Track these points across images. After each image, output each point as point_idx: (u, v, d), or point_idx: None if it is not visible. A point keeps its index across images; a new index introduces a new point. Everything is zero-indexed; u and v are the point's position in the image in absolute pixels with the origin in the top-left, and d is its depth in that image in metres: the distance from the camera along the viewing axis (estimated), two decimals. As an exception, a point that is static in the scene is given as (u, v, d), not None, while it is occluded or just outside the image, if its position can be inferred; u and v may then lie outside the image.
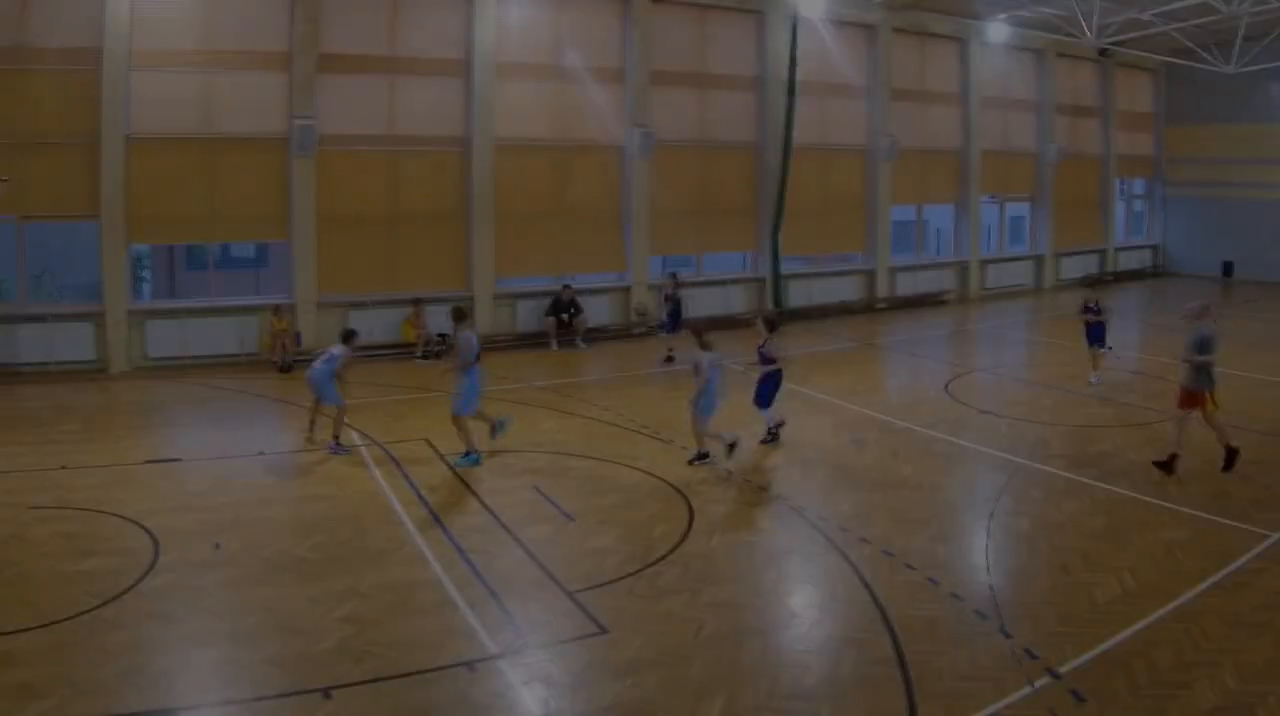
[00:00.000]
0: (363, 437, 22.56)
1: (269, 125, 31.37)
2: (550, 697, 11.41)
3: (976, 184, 46.53)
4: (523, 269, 35.98)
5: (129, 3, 28.89)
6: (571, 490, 18.80)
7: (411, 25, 33.13)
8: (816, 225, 41.91)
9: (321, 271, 32.21)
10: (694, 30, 38.32)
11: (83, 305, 31.62)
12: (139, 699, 11.30)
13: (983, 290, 47.07)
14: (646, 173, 37.11)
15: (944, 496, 18.55)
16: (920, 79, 44.61)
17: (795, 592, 14.48)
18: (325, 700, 11.28)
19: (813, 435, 22.80)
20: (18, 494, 18.50)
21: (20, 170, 26.66)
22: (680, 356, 28.76)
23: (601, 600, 13.89)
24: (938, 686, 11.48)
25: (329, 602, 13.82)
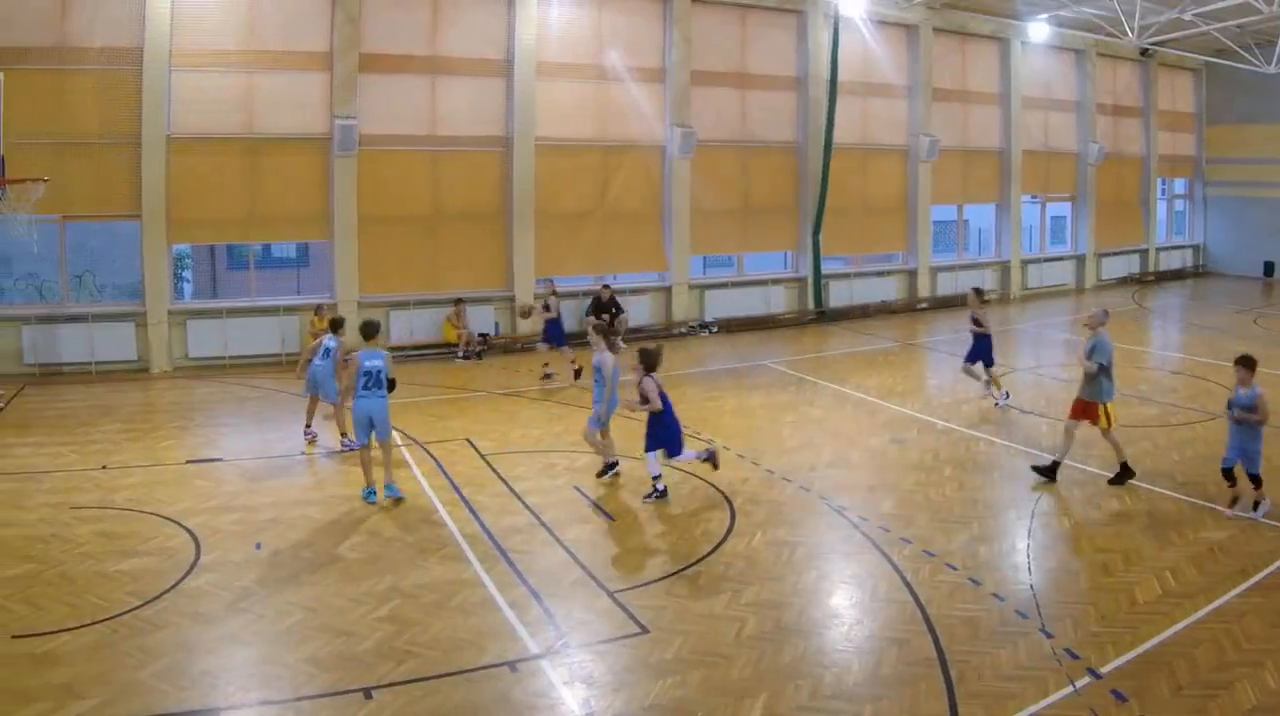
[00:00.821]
0: (404, 437, 22.60)
1: (310, 125, 31.50)
2: (591, 697, 11.41)
3: (1018, 184, 46.34)
4: (563, 269, 35.73)
5: (170, 3, 29.01)
6: (613, 490, 18.85)
7: (452, 25, 33.18)
8: (857, 225, 41.87)
9: (363, 271, 32.31)
10: (735, 30, 38.26)
11: (124, 305, 31.71)
12: (180, 699, 11.34)
13: (1024, 290, 46.95)
14: (687, 172, 37.07)
15: (985, 496, 18.47)
16: (961, 79, 44.49)
17: (836, 592, 14.45)
18: (366, 700, 11.32)
19: (854, 435, 22.82)
20: (60, 494, 18.62)
21: (62, 170, 26.72)
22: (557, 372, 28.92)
23: (642, 600, 13.91)
24: (979, 686, 11.48)
25: (370, 602, 13.89)
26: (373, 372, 18.08)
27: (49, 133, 28.08)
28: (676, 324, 37.06)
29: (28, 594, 14.06)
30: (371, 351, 18.33)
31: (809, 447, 21.72)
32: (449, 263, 34.04)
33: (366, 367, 18.09)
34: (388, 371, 18.24)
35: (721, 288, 39.18)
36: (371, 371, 18.08)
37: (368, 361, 18.14)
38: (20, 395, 26.81)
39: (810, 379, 28.34)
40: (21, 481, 19.43)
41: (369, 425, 18.06)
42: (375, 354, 18.30)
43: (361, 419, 18.07)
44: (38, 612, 13.45)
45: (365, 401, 18.06)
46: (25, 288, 35.02)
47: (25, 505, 18.02)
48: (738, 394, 27.12)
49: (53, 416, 24.75)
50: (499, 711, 11.23)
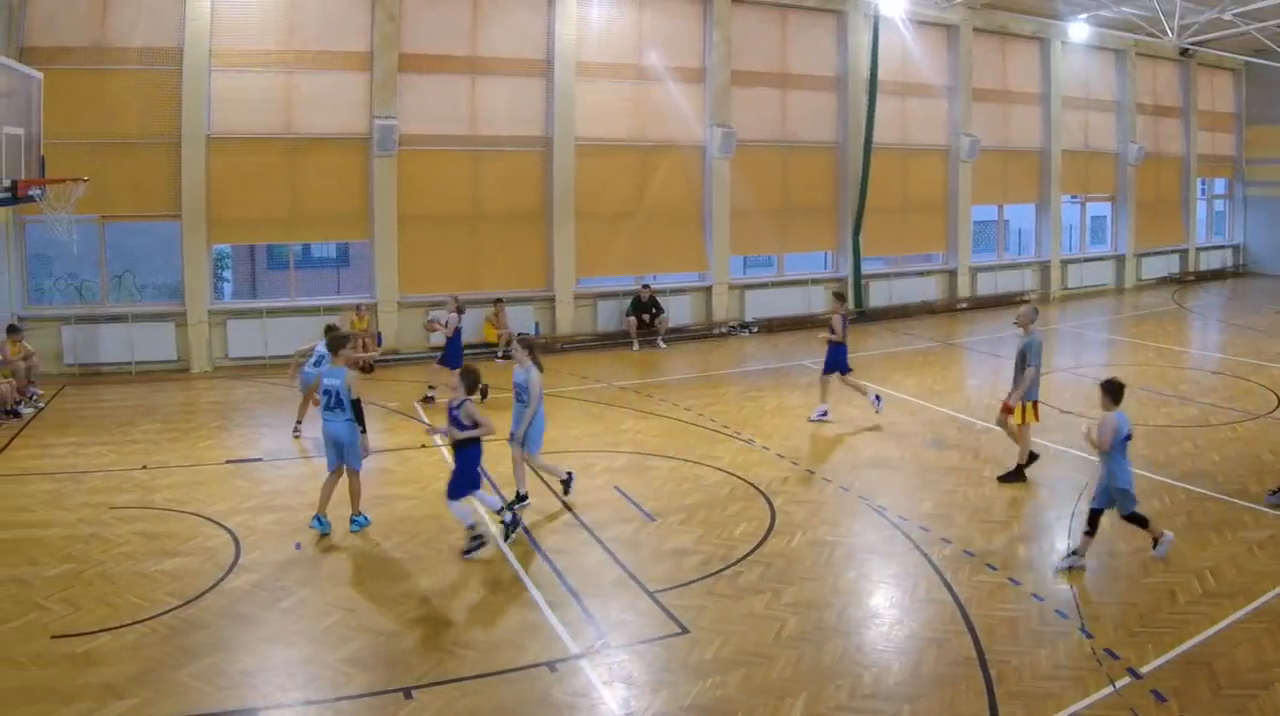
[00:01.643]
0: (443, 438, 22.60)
1: (350, 125, 31.59)
2: (631, 697, 11.41)
3: (1057, 184, 46.23)
4: (603, 268, 36.02)
5: (210, 3, 29.15)
6: (653, 490, 18.83)
7: (492, 24, 33.24)
8: (897, 225, 41.81)
9: (402, 271, 32.38)
10: (775, 30, 38.24)
11: (164, 305, 31.93)
12: (219, 699, 11.39)
13: (1063, 290, 46.81)
14: (727, 172, 37.06)
15: (1025, 496, 18.41)
16: (1001, 79, 44.40)
17: (876, 592, 14.42)
18: (406, 700, 11.35)
19: (894, 435, 22.79)
20: (100, 494, 18.70)
21: (101, 170, 26.72)
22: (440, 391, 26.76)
23: (682, 600, 13.91)
24: (1018, 686, 11.46)
25: (410, 602, 13.94)
26: (332, 392, 16.62)
27: (89, 133, 28.24)
28: (717, 324, 37.05)
29: (68, 594, 14.12)
30: (334, 368, 16.94)
31: (849, 447, 21.74)
32: (489, 263, 34.10)
33: (325, 386, 16.75)
34: (349, 392, 16.59)
35: (762, 288, 39.21)
36: (331, 390, 16.64)
37: (327, 379, 16.81)
38: (60, 395, 26.91)
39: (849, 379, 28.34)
40: (61, 481, 19.53)
41: (336, 449, 16.80)
42: (336, 372, 16.80)
43: (327, 441, 16.88)
44: (78, 612, 13.50)
45: (329, 424, 16.72)
46: (65, 288, 35.16)
47: (65, 505, 18.11)
48: (778, 394, 27.15)
49: (92, 416, 24.85)
50: (539, 711, 11.24)
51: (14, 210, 26.54)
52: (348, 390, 16.56)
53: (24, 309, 29.04)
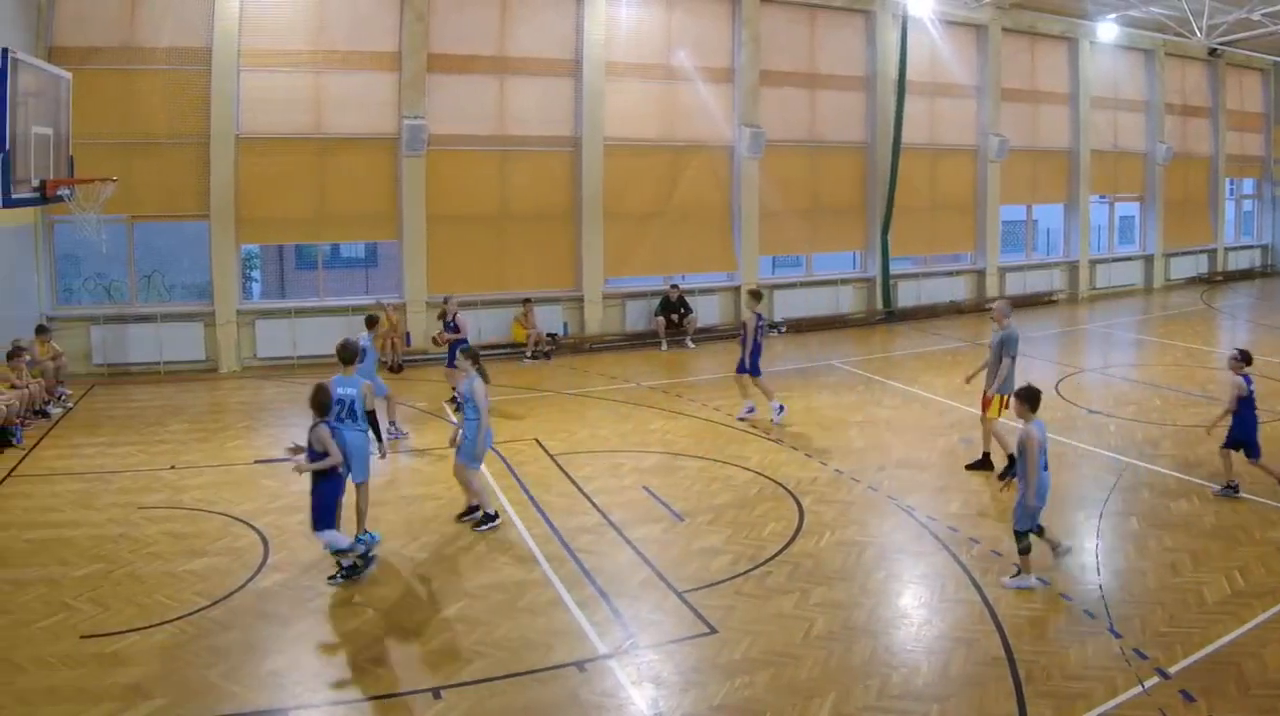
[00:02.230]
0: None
1: (379, 125, 31.65)
2: (660, 697, 11.42)
3: (1086, 184, 46.09)
4: (632, 268, 36.07)
5: (239, 3, 29.25)
6: (681, 490, 18.84)
7: (521, 24, 33.29)
8: (926, 225, 41.76)
9: (431, 271, 32.42)
10: (803, 30, 38.22)
11: (192, 305, 32.07)
12: (248, 699, 11.43)
13: (1092, 290, 46.69)
14: (756, 172, 37.05)
15: (1053, 496, 18.14)
16: (1030, 79, 44.31)
17: (905, 592, 14.44)
18: (435, 700, 11.36)
19: (922, 435, 22.81)
20: (128, 494, 18.78)
21: (130, 170, 26.79)
22: None
23: (711, 600, 13.91)
24: (1047, 686, 11.45)
25: (438, 603, 13.98)
26: (345, 402, 16.03)
27: (118, 133, 28.38)
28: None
29: (96, 594, 14.17)
30: (347, 378, 16.31)
31: (877, 447, 21.70)
32: (517, 262, 34.14)
33: (338, 395, 15.84)
34: (363, 402, 16.34)
35: (790, 288, 39.18)
36: (344, 400, 16.02)
37: (340, 388, 16.01)
38: (89, 395, 27.01)
39: (878, 379, 28.26)
40: (90, 481, 19.60)
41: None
42: (350, 381, 16.28)
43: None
44: (106, 612, 13.56)
45: (342, 433, 15.53)
46: (94, 288, 35.23)
47: (94, 505, 18.18)
48: (806, 394, 27.12)
49: (121, 416, 24.93)
50: (567, 711, 11.25)
51: (43, 210, 26.66)
52: (363, 400, 16.37)
53: (53, 309, 29.16)
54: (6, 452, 21.43)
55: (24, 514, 17.77)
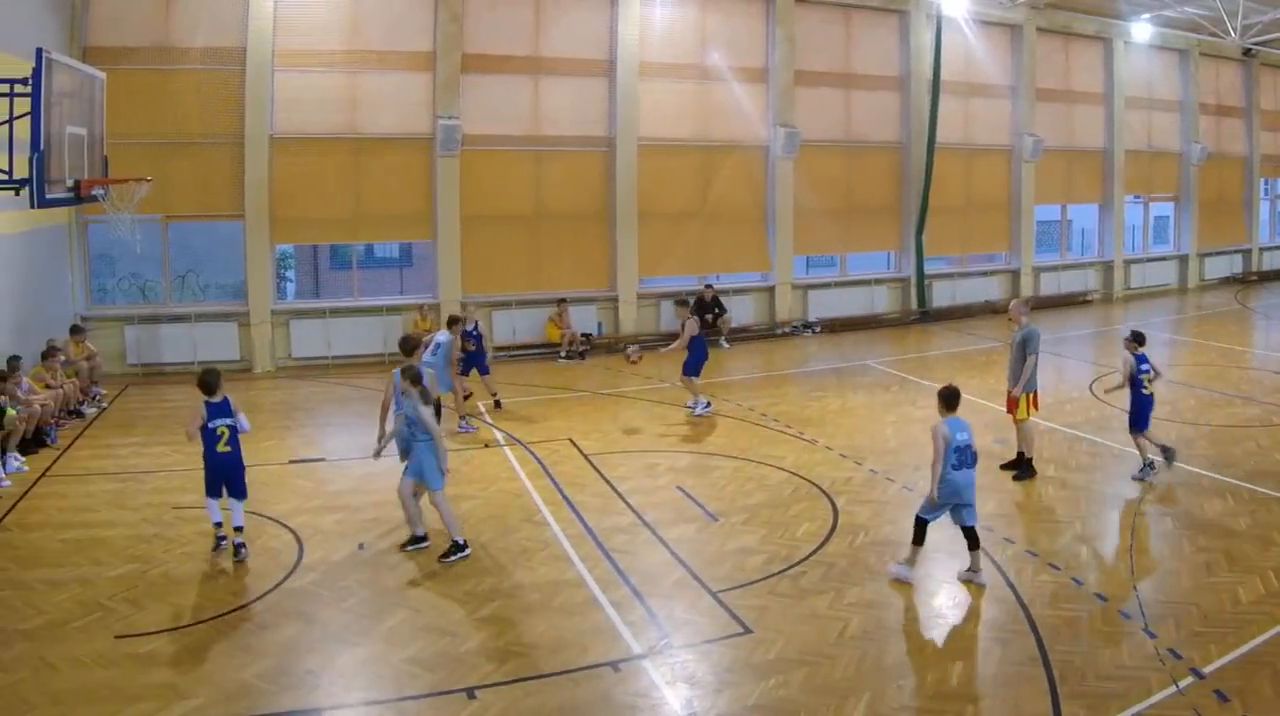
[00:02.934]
0: (507, 437, 22.73)
1: (413, 125, 31.75)
2: (694, 697, 11.42)
3: (1121, 184, 45.94)
4: (666, 269, 36.10)
5: (273, 3, 29.36)
6: (716, 490, 18.83)
7: (555, 25, 33.35)
8: (960, 225, 41.70)
9: (466, 271, 32.52)
10: (838, 29, 38.19)
11: (227, 305, 32.18)
12: (283, 699, 11.46)
13: (1126, 290, 46.52)
14: (791, 172, 37.03)
15: (1088, 496, 18.32)
16: (1064, 78, 44.20)
17: (939, 592, 14.38)
18: (470, 700, 11.38)
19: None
20: (163, 493, 18.86)
21: (164, 170, 26.90)
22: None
23: (745, 600, 13.90)
24: (1081, 686, 11.42)
25: (473, 602, 13.97)
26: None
27: (152, 133, 28.51)
28: (780, 324, 37.03)
29: (131, 594, 14.23)
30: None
31: (912, 447, 21.56)
32: (552, 263, 34.22)
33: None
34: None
35: (825, 288, 39.15)
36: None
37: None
38: (123, 395, 27.14)
39: (913, 379, 28.21)
40: (125, 481, 19.72)
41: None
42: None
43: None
44: (141, 612, 13.61)
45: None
46: (128, 288, 35.36)
47: (128, 505, 18.27)
48: (841, 394, 27.14)
49: (155, 416, 25.02)
50: (602, 711, 11.27)
51: (77, 210, 26.75)
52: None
53: (87, 309, 29.33)
54: (41, 452, 21.53)
55: (58, 514, 17.87)
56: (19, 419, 20.47)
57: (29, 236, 24.89)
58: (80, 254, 29.07)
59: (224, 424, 16.14)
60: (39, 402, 21.77)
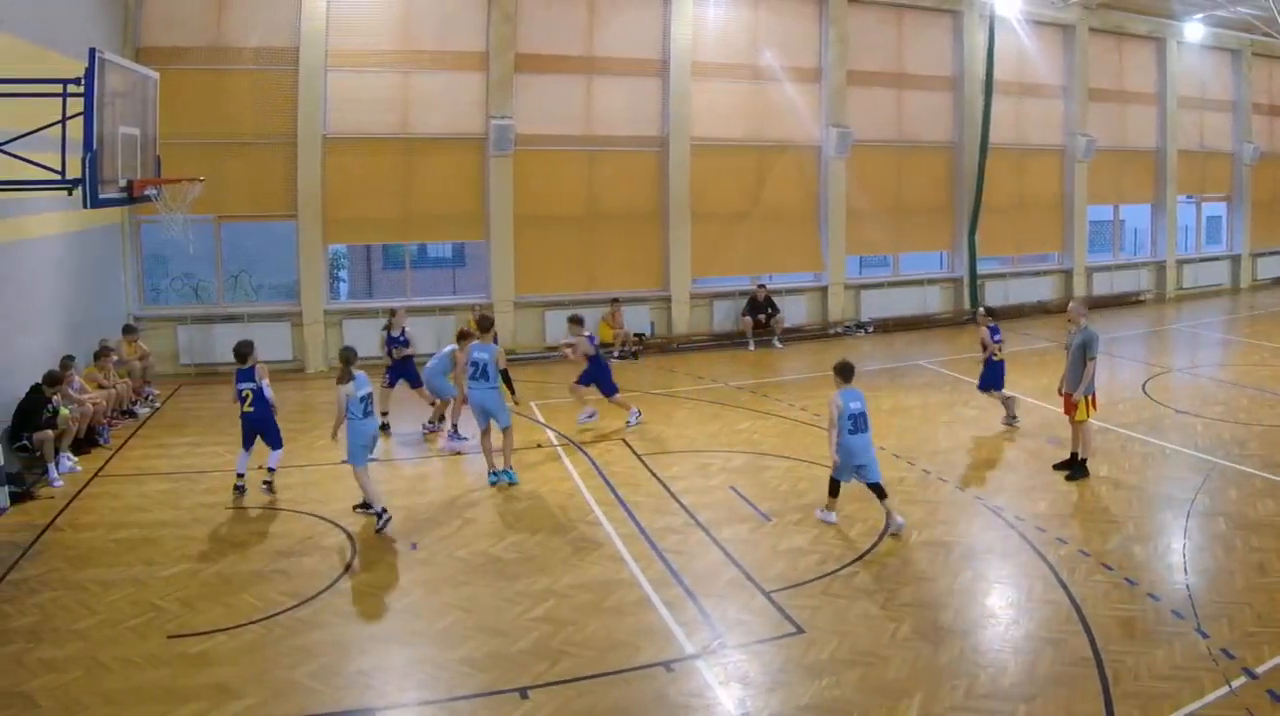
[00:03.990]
0: (560, 437, 22.79)
1: (466, 125, 31.83)
2: (747, 697, 11.42)
3: (1173, 184, 45.74)
4: (719, 268, 36.10)
5: (326, 3, 29.47)
6: (768, 490, 18.81)
7: (608, 25, 33.36)
8: (1013, 225, 41.56)
9: (518, 271, 32.59)
10: (891, 29, 38.12)
11: (279, 305, 32.30)
12: (335, 699, 11.50)
13: (1179, 290, 46.29)
14: (843, 172, 36.98)
15: (1140, 496, 18.26)
16: (1117, 78, 43.98)
17: (992, 592, 14.37)
18: (522, 700, 11.40)
19: (1009, 435, 22.72)
20: (215, 494, 18.94)
21: (217, 170, 27.04)
22: None
23: (798, 600, 13.89)
24: (1134, 686, 11.39)
25: (526, 602, 13.98)
26: (480, 363, 19.38)
27: (205, 133, 28.65)
28: (832, 323, 37.01)
29: (183, 594, 14.31)
30: (483, 344, 19.78)
31: (964, 447, 21.69)
32: (604, 262, 34.26)
33: (474, 358, 19.52)
34: (496, 365, 19.41)
35: (877, 287, 39.14)
36: (479, 362, 19.40)
37: (477, 353, 19.55)
38: (176, 395, 27.31)
39: (966, 379, 28.04)
40: (178, 481, 19.84)
41: (484, 414, 19.60)
42: (485, 347, 19.66)
43: (475, 407, 19.66)
44: (193, 612, 13.69)
45: (476, 392, 19.51)
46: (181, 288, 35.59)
47: (181, 505, 18.37)
48: (893, 394, 27.11)
49: (208, 416, 25.12)
50: (654, 711, 11.28)
51: (130, 210, 26.88)
52: (495, 363, 19.36)
53: (140, 309, 29.53)
54: (94, 452, 21.72)
55: (111, 514, 17.98)
56: (72, 418, 20.60)
57: (82, 236, 25.04)
58: (133, 254, 29.27)
59: (248, 387, 18.30)
60: (92, 402, 21.89)
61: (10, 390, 19.49)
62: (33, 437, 19.50)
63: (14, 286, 20.47)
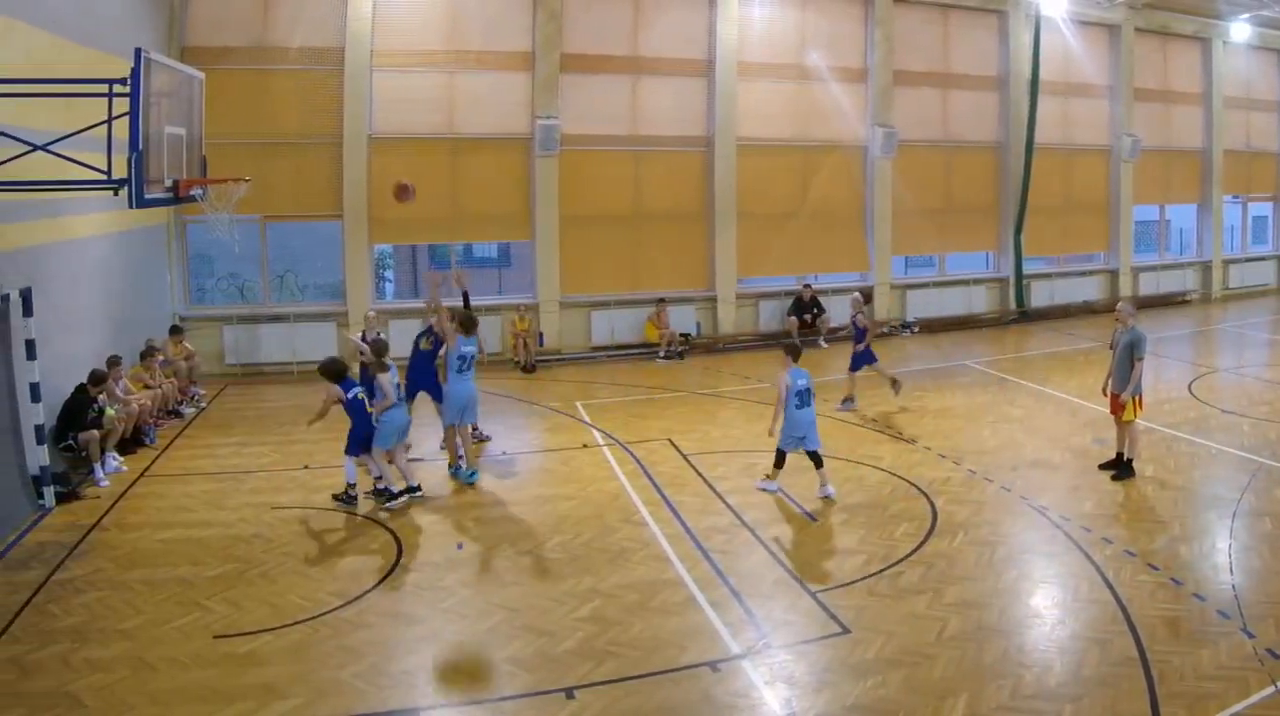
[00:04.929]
0: (605, 437, 22.78)
1: (512, 125, 31.89)
2: (793, 697, 11.39)
3: (1219, 184, 45.51)
4: (764, 268, 36.09)
5: (371, 3, 29.57)
6: (814, 490, 18.64)
7: (654, 24, 33.38)
8: (1059, 225, 41.45)
9: (564, 271, 32.62)
10: (936, 29, 38.06)
11: (325, 305, 32.37)
12: (381, 699, 11.50)
13: (1225, 290, 46.08)
14: (889, 172, 36.95)
15: (1186, 496, 18.20)
16: (1163, 78, 43.80)
17: (1037, 592, 14.31)
18: (568, 700, 11.39)
19: (1055, 435, 22.63)
20: (262, 494, 18.99)
21: (263, 170, 26.94)
22: None
23: (844, 600, 13.87)
24: (1180, 686, 11.34)
25: (571, 603, 13.97)
26: (467, 357, 19.87)
27: (250, 133, 28.78)
28: (879, 324, 36.66)
29: (230, 594, 14.34)
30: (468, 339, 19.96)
31: (1010, 447, 21.58)
32: (650, 263, 34.27)
33: (462, 352, 19.79)
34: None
35: (923, 288, 39.06)
36: (466, 356, 19.86)
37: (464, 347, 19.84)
38: (222, 395, 27.39)
39: (1011, 379, 28.05)
40: (223, 481, 19.86)
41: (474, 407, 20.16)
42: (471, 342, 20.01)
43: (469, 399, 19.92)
44: (240, 612, 13.71)
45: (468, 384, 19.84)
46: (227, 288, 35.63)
47: (227, 505, 18.40)
48: (939, 394, 27.03)
49: (254, 416, 25.22)
50: (701, 711, 11.26)
51: (176, 210, 27.11)
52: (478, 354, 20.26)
53: (186, 309, 29.67)
54: (140, 452, 21.76)
55: (157, 514, 18.02)
56: (118, 418, 20.70)
57: (128, 236, 25.13)
58: (179, 254, 29.44)
59: (359, 391, 18.39)
60: (137, 402, 21.98)
61: (56, 390, 19.51)
62: (78, 438, 19.59)
63: (60, 286, 20.55)
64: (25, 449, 18.05)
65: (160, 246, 28.45)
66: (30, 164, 16.46)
